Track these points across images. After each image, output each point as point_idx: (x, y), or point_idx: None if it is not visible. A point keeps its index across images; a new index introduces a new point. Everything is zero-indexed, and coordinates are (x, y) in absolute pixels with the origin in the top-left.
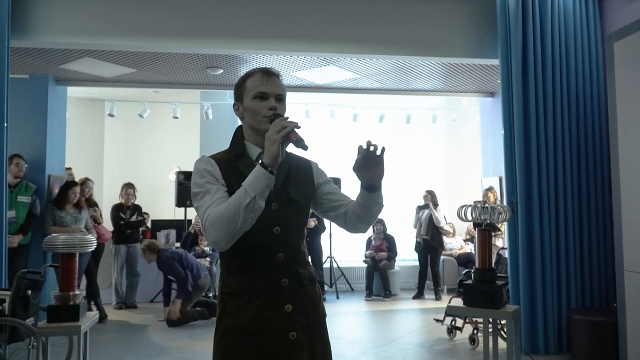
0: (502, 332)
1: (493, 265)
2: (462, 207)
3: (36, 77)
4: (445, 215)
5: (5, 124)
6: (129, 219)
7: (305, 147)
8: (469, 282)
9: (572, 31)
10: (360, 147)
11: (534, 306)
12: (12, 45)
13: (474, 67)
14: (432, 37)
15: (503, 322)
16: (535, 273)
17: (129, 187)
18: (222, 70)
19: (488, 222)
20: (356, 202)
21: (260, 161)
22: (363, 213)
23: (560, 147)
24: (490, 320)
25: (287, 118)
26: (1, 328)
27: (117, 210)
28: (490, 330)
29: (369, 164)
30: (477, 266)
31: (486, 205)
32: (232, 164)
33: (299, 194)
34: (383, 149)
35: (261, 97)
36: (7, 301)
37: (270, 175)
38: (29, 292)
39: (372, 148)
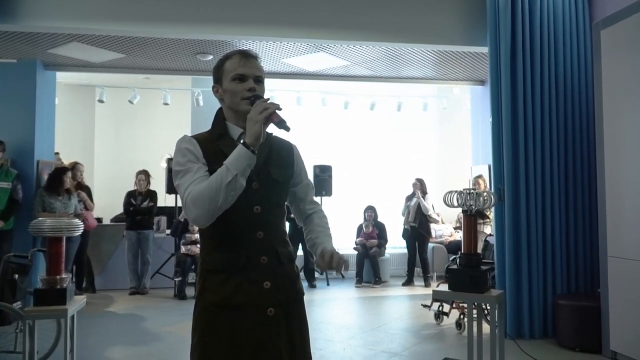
0: (488, 317)
1: (480, 252)
2: (448, 193)
3: (24, 61)
4: (434, 203)
5: None
6: (139, 205)
7: (287, 129)
8: (455, 267)
9: (560, 19)
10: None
11: (519, 292)
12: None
13: (464, 55)
14: (423, 25)
15: (488, 307)
16: (521, 259)
17: (140, 174)
18: (212, 56)
19: (474, 208)
20: (315, 236)
21: (242, 141)
22: (311, 242)
23: (547, 134)
24: (475, 304)
25: (268, 100)
26: None
27: (128, 196)
28: (475, 315)
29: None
30: (462, 251)
31: (472, 191)
32: (213, 144)
33: (279, 173)
34: (347, 266)
35: (240, 78)
36: None
37: (252, 155)
38: (16, 276)
39: (335, 266)
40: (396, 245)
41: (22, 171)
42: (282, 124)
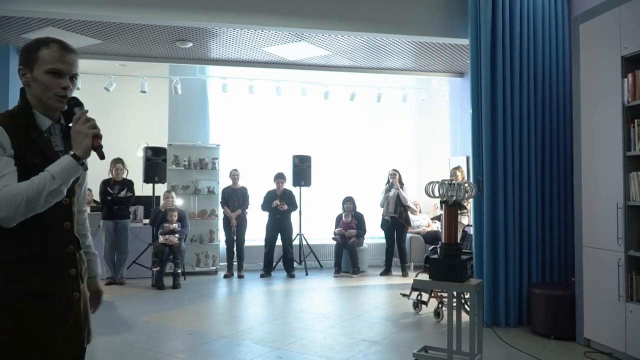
0: (466, 306)
1: (458, 241)
2: (429, 183)
3: None
4: (412, 194)
5: None
6: (116, 195)
7: (102, 156)
8: (435, 256)
9: (540, 12)
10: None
11: (496, 281)
12: None
13: (444, 47)
14: (404, 16)
15: (467, 296)
16: (498, 249)
17: (117, 162)
18: (191, 44)
19: (455, 199)
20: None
21: (72, 153)
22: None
23: (525, 126)
24: (455, 294)
25: (87, 111)
26: None
27: (104, 185)
28: (454, 304)
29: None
30: (443, 241)
31: (453, 182)
32: (22, 133)
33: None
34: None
35: (56, 73)
36: None
37: (80, 168)
38: None
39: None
40: (374, 235)
41: None
42: (99, 149)
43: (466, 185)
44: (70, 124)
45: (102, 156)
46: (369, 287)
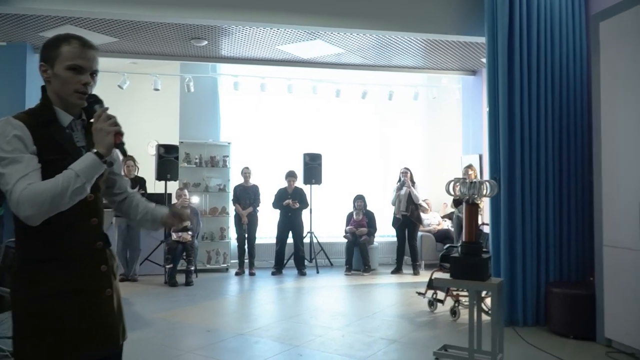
0: (483, 306)
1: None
2: (450, 182)
3: (13, 45)
4: (423, 192)
5: None
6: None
7: (125, 153)
8: (456, 255)
9: (557, 10)
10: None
11: (513, 280)
12: None
13: (456, 45)
14: (418, 14)
15: (482, 294)
16: (515, 248)
17: (128, 160)
18: (206, 42)
19: (476, 197)
20: (142, 212)
21: (94, 150)
22: (140, 224)
23: (543, 124)
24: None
25: (107, 108)
26: None
27: None
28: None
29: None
30: (463, 240)
31: (474, 180)
32: (43, 129)
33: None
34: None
35: (76, 69)
36: None
37: (103, 166)
38: None
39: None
40: (385, 233)
41: None
42: (121, 146)
43: (487, 182)
44: (91, 120)
45: (124, 153)
46: (381, 286)
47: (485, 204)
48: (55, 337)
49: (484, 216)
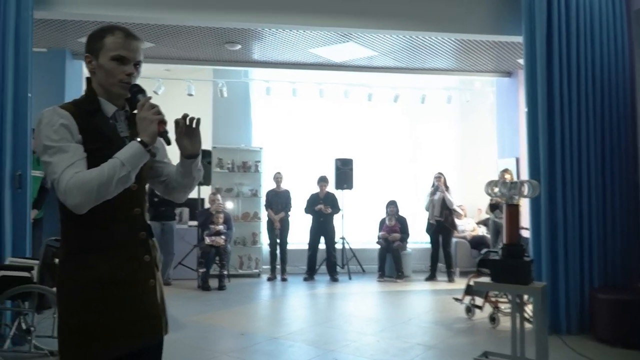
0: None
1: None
2: (490, 182)
3: (54, 50)
4: (457, 197)
5: (29, 94)
6: (163, 196)
7: (169, 142)
8: (496, 257)
9: (597, 5)
10: (176, 121)
11: (556, 285)
12: (34, 16)
13: (490, 45)
14: (452, 13)
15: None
16: (557, 252)
17: None
18: (240, 46)
19: (516, 197)
20: (177, 171)
21: (139, 139)
22: (186, 180)
23: (584, 123)
24: (516, 297)
25: (150, 97)
26: (29, 295)
27: (152, 187)
28: (511, 307)
29: (189, 136)
30: (504, 242)
31: (515, 180)
32: (87, 119)
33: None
34: (198, 121)
35: (120, 60)
36: (35, 269)
37: (147, 154)
38: (57, 260)
39: (188, 122)
40: (418, 240)
41: None
42: (165, 135)
43: (529, 183)
44: (135, 111)
45: (168, 142)
46: (415, 292)
47: (523, 209)
48: (100, 327)
49: (523, 220)
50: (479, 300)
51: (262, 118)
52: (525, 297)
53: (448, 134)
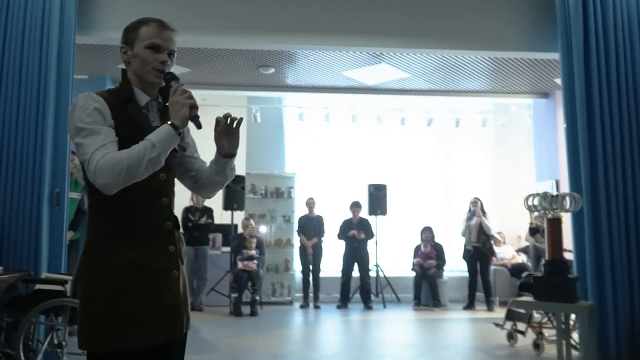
0: (571, 340)
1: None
2: (529, 196)
3: (95, 77)
4: (495, 223)
5: None
6: (197, 221)
7: (199, 126)
8: (539, 274)
9: (635, 17)
10: (217, 120)
11: (603, 306)
12: (76, 41)
13: (525, 64)
14: (486, 30)
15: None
16: (604, 270)
17: None
18: (273, 70)
19: (557, 211)
20: (210, 168)
21: (170, 122)
22: (218, 178)
23: (627, 141)
24: (559, 317)
25: (183, 84)
26: (62, 309)
27: (186, 212)
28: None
29: (228, 135)
30: (547, 258)
31: (557, 193)
32: (120, 107)
33: (181, 143)
34: (240, 121)
35: (154, 48)
36: (68, 283)
37: (178, 137)
38: None
39: (229, 121)
40: (454, 268)
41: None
42: (196, 119)
43: (571, 196)
44: (167, 104)
45: (199, 125)
46: (453, 320)
47: (565, 232)
48: (120, 315)
49: (565, 242)
50: (521, 326)
51: (295, 144)
52: (572, 321)
53: (483, 158)
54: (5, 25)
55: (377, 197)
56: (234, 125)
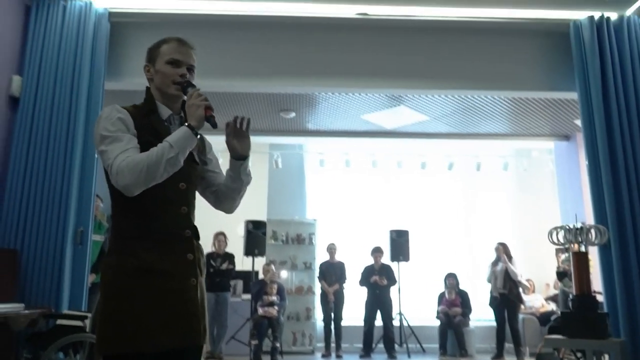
0: None
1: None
2: (553, 229)
3: None
4: (522, 270)
5: (96, 156)
6: (218, 267)
7: (215, 125)
8: (567, 311)
9: None
10: (227, 124)
11: (636, 343)
12: (105, 87)
13: (546, 105)
14: (504, 71)
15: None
16: (635, 305)
17: (219, 235)
18: (294, 114)
19: (583, 244)
20: (227, 176)
21: (187, 123)
22: (235, 184)
23: None
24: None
25: (199, 89)
26: (81, 345)
27: (207, 258)
28: None
29: (238, 137)
30: (575, 293)
31: (582, 225)
32: (143, 118)
33: (202, 157)
34: (248, 122)
35: (174, 63)
36: (88, 318)
37: (194, 137)
38: None
39: (238, 124)
40: (480, 317)
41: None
42: (211, 119)
43: (596, 228)
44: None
45: (214, 125)
46: None
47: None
48: (134, 317)
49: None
50: None
51: (316, 189)
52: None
53: (506, 202)
54: (38, 73)
55: (399, 243)
56: (243, 127)
